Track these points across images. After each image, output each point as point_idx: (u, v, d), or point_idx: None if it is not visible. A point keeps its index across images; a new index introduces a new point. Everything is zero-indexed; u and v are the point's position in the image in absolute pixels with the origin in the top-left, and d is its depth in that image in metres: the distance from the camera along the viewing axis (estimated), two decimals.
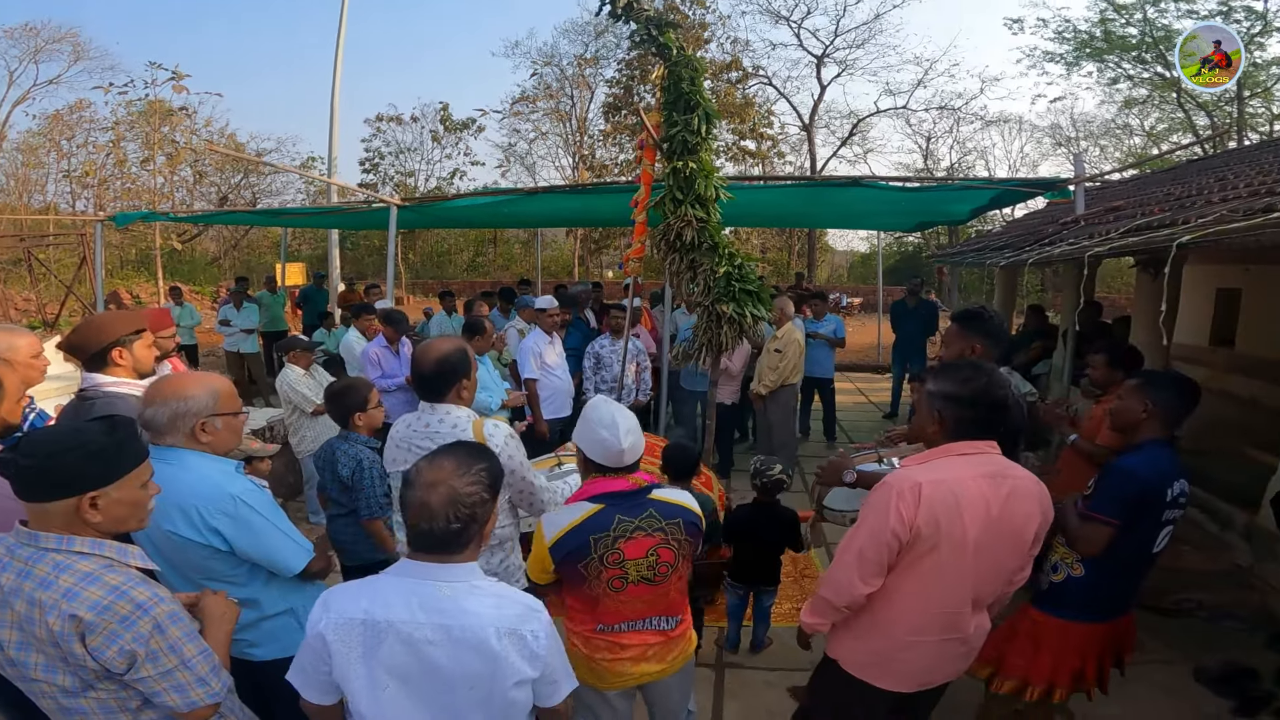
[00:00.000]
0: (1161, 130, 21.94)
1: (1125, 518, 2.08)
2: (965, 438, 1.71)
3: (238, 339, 8.53)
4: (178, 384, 1.81)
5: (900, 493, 1.63)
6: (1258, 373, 6.05)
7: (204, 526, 1.73)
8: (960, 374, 1.75)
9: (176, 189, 21.71)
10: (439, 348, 2.17)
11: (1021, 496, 1.69)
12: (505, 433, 2.18)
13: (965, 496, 1.63)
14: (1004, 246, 5.79)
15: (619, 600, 1.90)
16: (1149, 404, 2.17)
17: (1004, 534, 1.68)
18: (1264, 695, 2.87)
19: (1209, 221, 2.54)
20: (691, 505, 1.95)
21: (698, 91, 4.43)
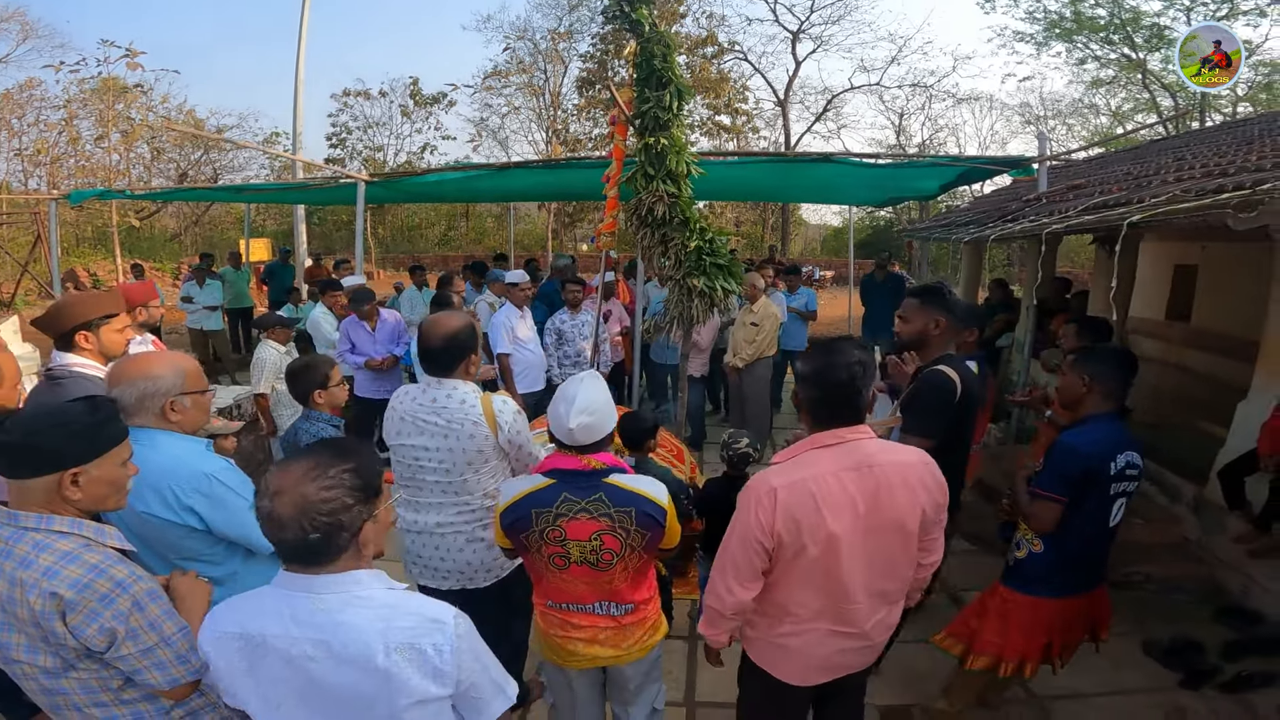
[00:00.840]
0: (1127, 110, 22.35)
1: (1071, 493, 2.12)
2: (823, 422, 1.62)
3: (201, 316, 8.34)
4: (143, 364, 1.80)
5: (757, 498, 1.57)
6: (1212, 347, 6.26)
7: (179, 506, 1.73)
8: (809, 354, 1.67)
9: (134, 166, 20.99)
10: (448, 323, 2.17)
11: (895, 486, 1.60)
12: (513, 408, 2.20)
13: (825, 495, 1.55)
14: (969, 223, 5.89)
15: (561, 579, 1.89)
16: (1086, 379, 2.21)
17: (881, 527, 1.60)
18: (1210, 668, 2.96)
19: (1160, 202, 2.62)
20: (653, 495, 1.83)
21: (670, 68, 4.40)
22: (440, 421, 2.14)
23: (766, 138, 26.91)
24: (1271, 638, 3.12)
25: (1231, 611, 3.39)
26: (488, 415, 2.14)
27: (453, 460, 2.16)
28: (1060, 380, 2.37)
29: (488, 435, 2.15)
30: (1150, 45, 19.59)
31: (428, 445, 2.17)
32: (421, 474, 2.21)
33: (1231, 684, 2.87)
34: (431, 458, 2.17)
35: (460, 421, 2.13)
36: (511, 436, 2.19)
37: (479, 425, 2.13)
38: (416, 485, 2.24)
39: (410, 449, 2.20)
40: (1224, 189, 2.60)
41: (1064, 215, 3.58)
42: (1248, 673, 2.89)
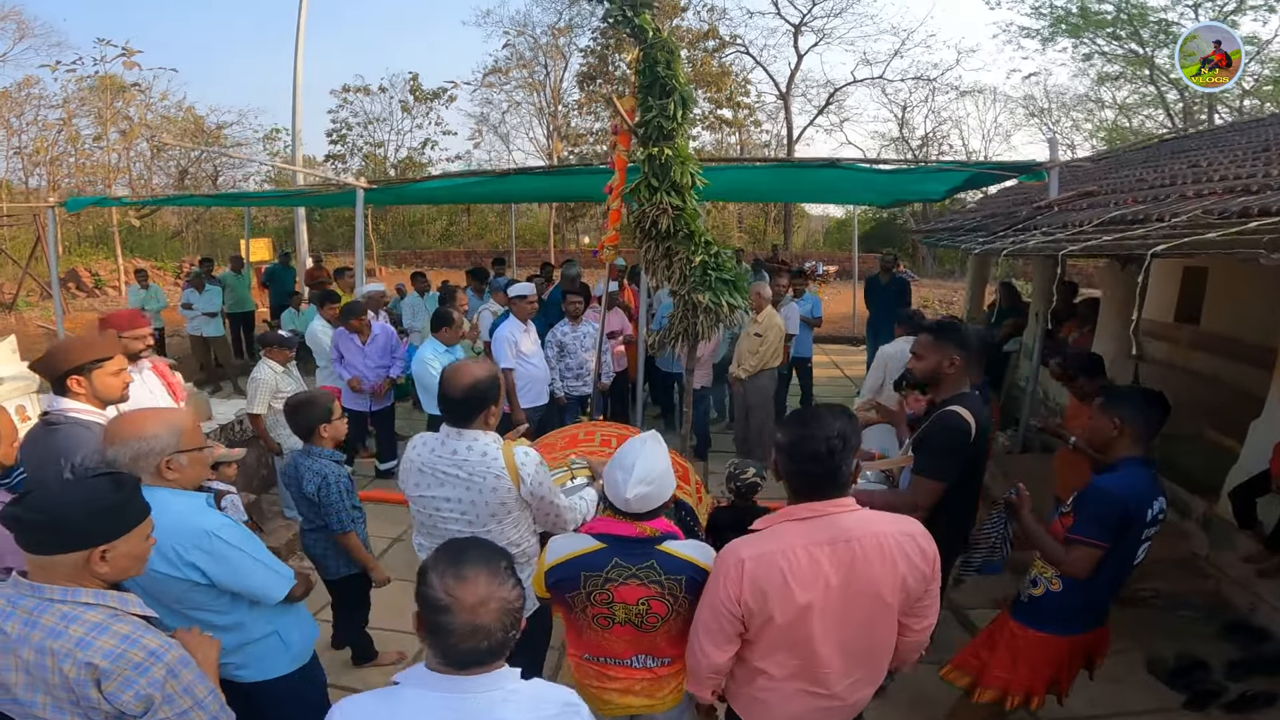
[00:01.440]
0: (1133, 103, 22.14)
1: (1112, 540, 2.08)
2: (801, 494, 1.60)
3: (200, 322, 8.31)
4: (138, 423, 1.79)
5: (726, 569, 1.58)
6: (1221, 350, 6.18)
7: (181, 562, 1.74)
8: (787, 424, 1.64)
9: (134, 163, 20.92)
10: (471, 372, 2.12)
11: (872, 560, 1.56)
12: (535, 460, 2.16)
13: (793, 568, 1.53)
14: (978, 228, 5.79)
15: (603, 636, 1.89)
16: (1117, 421, 2.16)
17: (856, 598, 1.58)
18: (1215, 688, 2.94)
19: (1184, 230, 2.54)
20: (703, 562, 1.82)
21: (674, 76, 4.30)
22: (462, 474, 2.10)
23: (769, 130, 26.77)
24: (1275, 657, 3.08)
25: (1237, 629, 3.38)
26: (510, 468, 2.10)
27: (475, 512, 2.13)
28: (1088, 424, 2.31)
29: (510, 488, 2.11)
30: (1157, 41, 19.39)
31: (449, 496, 2.14)
32: (443, 523, 2.18)
33: (1236, 704, 2.86)
34: (454, 509, 2.14)
35: (483, 475, 2.09)
36: (534, 489, 2.15)
37: (501, 478, 2.10)
38: (439, 534, 2.21)
39: (430, 500, 2.17)
40: (1249, 211, 2.53)
41: (1079, 230, 3.50)
42: (1252, 693, 2.87)
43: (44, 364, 2.33)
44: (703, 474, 5.65)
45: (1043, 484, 4.66)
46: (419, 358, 4.47)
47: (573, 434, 4.05)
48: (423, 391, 4.63)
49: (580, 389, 5.40)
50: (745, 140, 26.17)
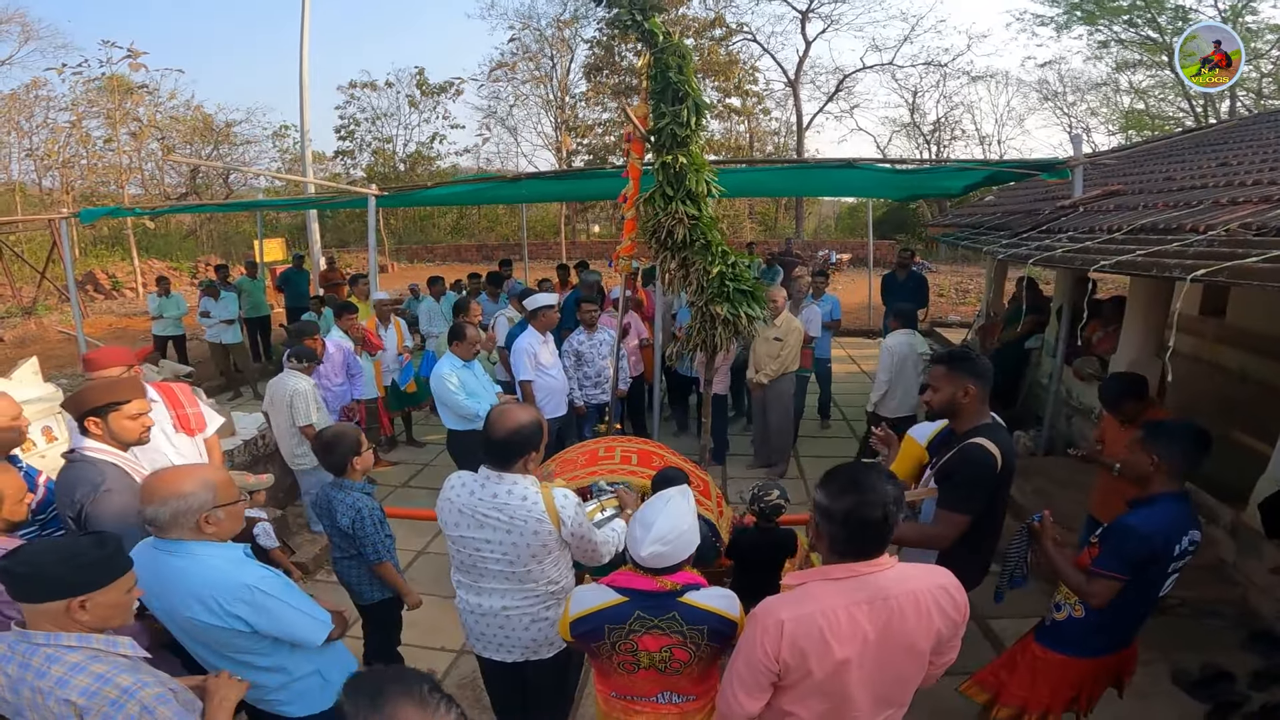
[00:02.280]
0: (1150, 88, 21.70)
1: (1134, 574, 2.08)
2: (843, 555, 1.59)
3: (219, 330, 8.36)
4: (174, 481, 1.84)
5: (765, 628, 1.57)
6: (1247, 345, 6.06)
7: (224, 613, 1.80)
8: (833, 485, 1.59)
9: (145, 163, 21.03)
10: (515, 418, 2.13)
11: (908, 615, 1.57)
12: (575, 502, 2.19)
13: (834, 628, 1.54)
14: (999, 226, 5.69)
15: (630, 679, 1.92)
16: (1154, 458, 2.14)
17: (891, 651, 1.59)
18: (1238, 699, 2.91)
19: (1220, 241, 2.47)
20: (726, 612, 1.84)
21: (686, 80, 4.23)
22: (503, 518, 2.11)
23: (778, 118, 26.48)
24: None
25: (1262, 638, 3.32)
26: (550, 511, 2.11)
27: (516, 553, 2.15)
28: (1126, 457, 2.28)
29: (551, 530, 2.13)
30: (1175, 28, 18.95)
31: (489, 539, 2.15)
32: (484, 563, 2.20)
33: (1259, 716, 2.81)
34: (494, 550, 2.16)
35: (524, 519, 2.10)
36: (574, 529, 2.18)
37: (543, 522, 2.11)
38: (479, 573, 2.23)
39: (471, 540, 2.18)
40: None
41: (1109, 238, 3.41)
42: (1274, 704, 2.82)
43: (72, 403, 2.39)
44: (721, 480, 5.64)
45: (1065, 489, 4.62)
46: (436, 373, 4.46)
47: (593, 451, 4.04)
48: (442, 408, 4.63)
49: (599, 397, 5.38)
50: (754, 128, 25.93)
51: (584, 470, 3.80)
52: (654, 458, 3.87)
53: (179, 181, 23.16)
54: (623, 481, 3.68)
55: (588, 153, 24.37)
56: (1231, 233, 2.59)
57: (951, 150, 25.69)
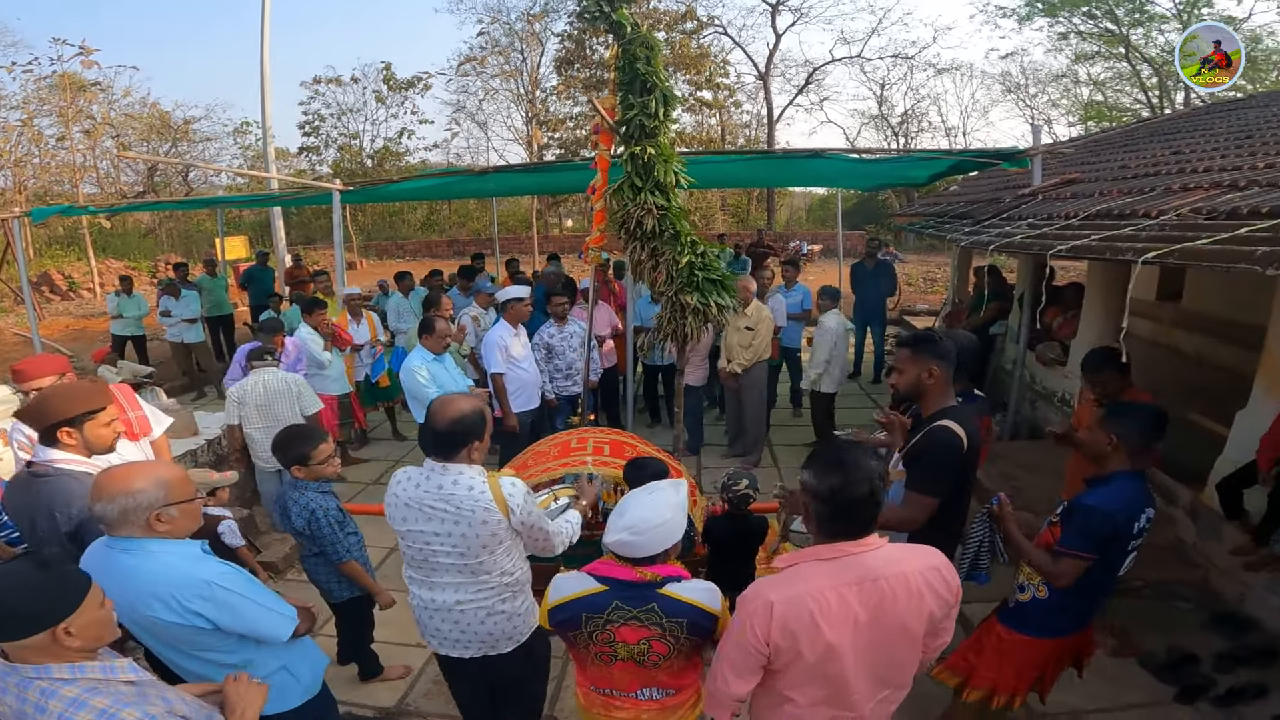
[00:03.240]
0: (1109, 80, 22.26)
1: (1099, 552, 2.12)
2: (832, 535, 1.59)
3: (180, 329, 8.17)
4: (124, 478, 1.77)
5: (754, 610, 1.56)
6: (1203, 329, 6.26)
7: (184, 610, 1.75)
8: (819, 465, 1.60)
9: (99, 162, 20.39)
10: (457, 407, 2.10)
11: (899, 597, 1.57)
12: (523, 490, 2.15)
13: (823, 609, 1.53)
14: (962, 215, 5.80)
15: (607, 671, 1.91)
16: (1112, 438, 2.17)
17: (884, 633, 1.59)
18: (1204, 682, 2.99)
19: (1172, 225, 2.54)
20: (707, 605, 1.83)
21: (654, 72, 4.21)
22: (450, 509, 2.08)
23: (749, 111, 26.61)
24: (1263, 648, 3.13)
25: (1225, 620, 3.40)
26: (498, 500, 2.08)
27: (466, 544, 2.11)
28: (1086, 434, 2.33)
29: (500, 520, 2.10)
30: (1132, 19, 19.45)
31: (438, 531, 2.11)
32: (434, 557, 2.16)
33: (1225, 698, 2.90)
34: (444, 542, 2.12)
35: (471, 509, 2.07)
36: (524, 518, 2.14)
37: (491, 511, 2.08)
38: (430, 567, 2.19)
39: (420, 534, 2.14)
40: (1238, 212, 2.53)
41: (1066, 224, 3.50)
42: (1240, 686, 2.91)
43: (33, 414, 2.29)
44: (696, 470, 5.67)
45: (1031, 473, 4.72)
46: (406, 366, 4.41)
47: (565, 442, 4.03)
48: (412, 400, 4.57)
49: (571, 389, 5.36)
50: (726, 121, 26.01)
51: (556, 462, 3.79)
52: (626, 448, 3.87)
53: (136, 180, 22.50)
54: (593, 473, 3.69)
55: (559, 147, 24.20)
56: (1183, 217, 2.68)
57: (919, 141, 26.11)
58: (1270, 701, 2.85)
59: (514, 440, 4.82)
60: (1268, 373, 3.68)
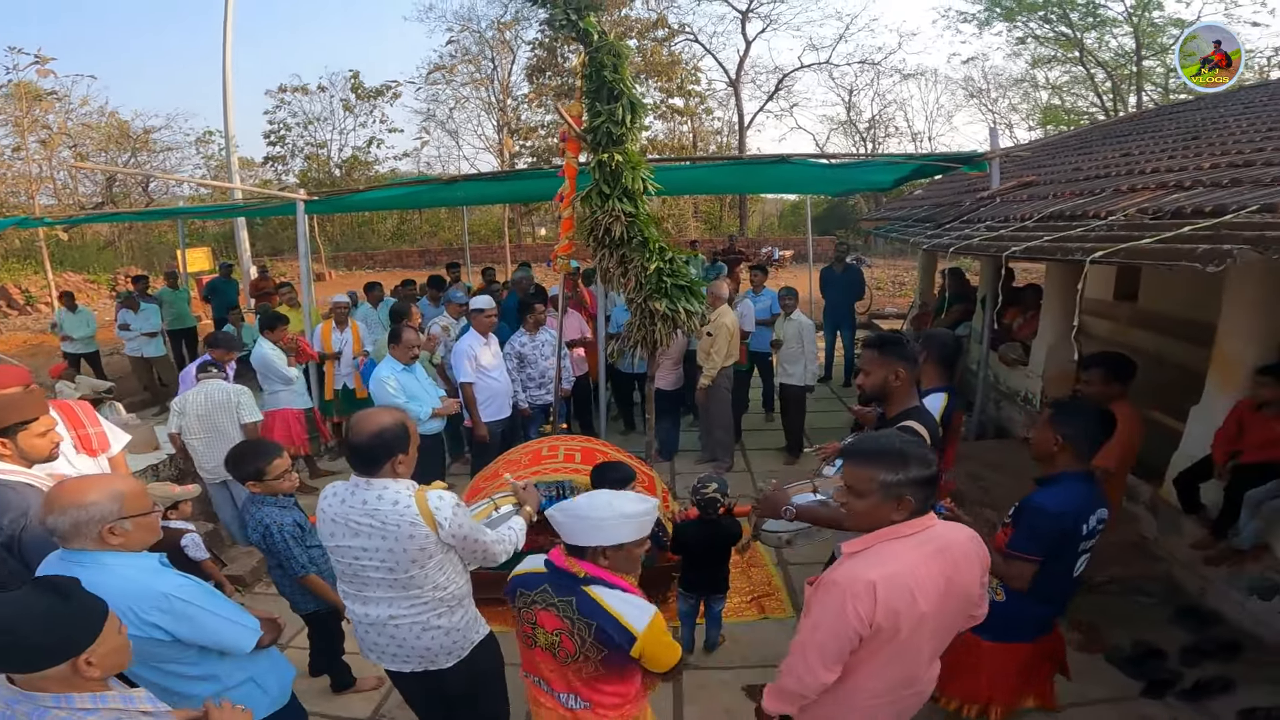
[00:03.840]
0: (1065, 84, 22.94)
1: (1046, 553, 2.12)
2: (911, 512, 1.66)
3: (140, 343, 7.97)
4: (76, 490, 1.76)
5: (855, 594, 1.58)
6: (1159, 328, 6.44)
7: (140, 622, 1.74)
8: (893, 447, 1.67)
9: (57, 172, 19.84)
10: (376, 420, 2.06)
11: (966, 561, 1.70)
12: (451, 502, 2.10)
13: (918, 584, 1.61)
14: (925, 218, 5.91)
15: (530, 655, 1.94)
16: (1059, 439, 2.18)
17: (955, 600, 1.70)
18: (1171, 676, 3.03)
19: (1120, 225, 2.62)
20: (626, 620, 1.77)
21: (621, 80, 4.24)
22: (375, 524, 2.05)
23: (720, 118, 26.86)
24: (1227, 641, 3.20)
25: (1188, 613, 3.47)
26: (424, 514, 2.05)
27: (395, 559, 2.08)
28: (1033, 433, 2.33)
29: (427, 534, 2.06)
30: (1086, 23, 20.07)
31: (365, 546, 2.08)
32: (365, 572, 2.13)
33: (1192, 692, 2.94)
34: (372, 557, 2.09)
35: (396, 524, 2.04)
36: (454, 531, 2.10)
37: (417, 524, 2.05)
38: (361, 581, 2.16)
39: (348, 549, 2.11)
40: (1182, 211, 2.62)
41: (1021, 225, 3.59)
42: (1206, 680, 2.96)
43: None
44: (670, 476, 5.68)
45: (996, 472, 4.81)
46: (376, 377, 4.35)
47: (536, 450, 4.01)
48: None
49: (543, 398, 5.34)
50: (698, 128, 26.23)
51: (527, 470, 3.77)
52: (598, 455, 3.87)
53: (94, 190, 21.95)
54: (565, 480, 3.68)
55: (531, 155, 24.18)
56: (1130, 218, 2.76)
57: (886, 146, 26.61)
58: (1237, 695, 2.90)
59: (485, 450, 4.78)
60: (1219, 369, 3.79)
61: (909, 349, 2.41)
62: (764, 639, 3.54)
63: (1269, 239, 1.88)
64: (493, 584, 3.63)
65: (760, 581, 4.08)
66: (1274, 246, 1.85)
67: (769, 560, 4.26)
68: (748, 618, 3.77)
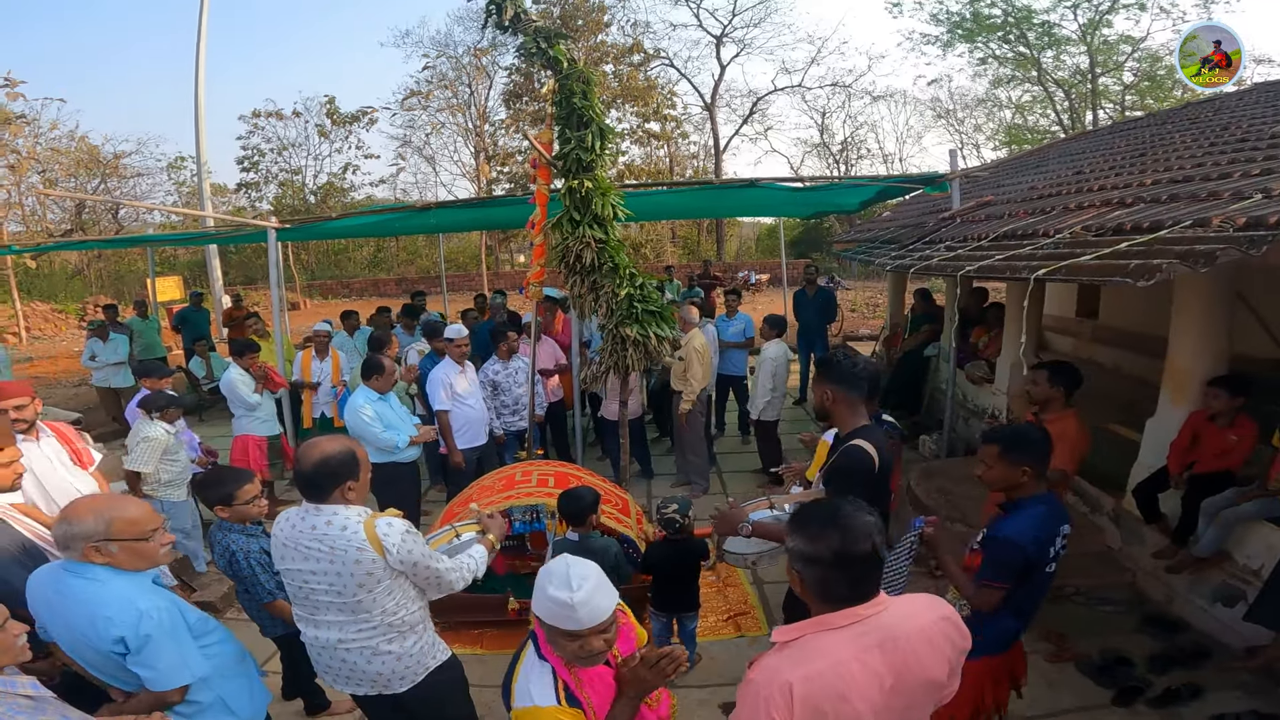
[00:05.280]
0: (1026, 103, 23.69)
1: (1015, 580, 2.17)
2: (838, 601, 1.44)
3: (108, 373, 7.82)
4: (75, 507, 1.92)
5: (769, 698, 1.38)
6: (1119, 343, 6.62)
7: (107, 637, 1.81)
8: (810, 527, 1.46)
9: (25, 198, 19.54)
10: (321, 449, 2.10)
11: (922, 654, 1.47)
12: (400, 529, 2.12)
13: (850, 683, 1.39)
14: (891, 240, 6.05)
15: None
16: (1026, 469, 2.22)
17: (909, 694, 1.48)
18: (1139, 684, 3.08)
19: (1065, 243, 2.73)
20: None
21: (590, 106, 4.33)
22: (323, 548, 2.08)
23: (696, 141, 27.30)
24: (1194, 649, 3.26)
25: (1154, 621, 3.53)
26: (372, 540, 2.07)
27: (342, 584, 2.11)
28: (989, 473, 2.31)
29: (375, 559, 2.08)
30: (1042, 42, 20.84)
31: (314, 570, 2.11)
32: (314, 595, 2.16)
33: (1161, 699, 2.99)
34: (320, 581, 2.12)
35: (344, 548, 2.07)
36: (403, 557, 2.12)
37: (364, 550, 2.07)
38: (312, 605, 2.18)
39: (299, 573, 2.14)
40: (1123, 227, 2.73)
41: (978, 245, 3.70)
42: (1175, 687, 3.01)
43: None
44: (646, 499, 5.68)
45: (960, 485, 4.87)
46: (351, 405, 4.31)
47: (510, 475, 4.01)
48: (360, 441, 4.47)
49: (518, 424, 5.33)
50: (674, 152, 26.63)
51: (499, 495, 3.77)
52: (570, 480, 3.87)
53: (63, 217, 21.64)
54: (538, 504, 3.68)
55: (508, 181, 24.34)
56: (1074, 235, 2.87)
57: (858, 168, 27.17)
58: (1207, 701, 2.95)
59: (460, 477, 4.76)
60: (1171, 382, 3.92)
61: (839, 370, 2.44)
62: (741, 657, 3.54)
63: (1197, 253, 1.98)
64: (494, 607, 3.68)
65: (737, 600, 4.09)
66: (1201, 260, 1.94)
67: (745, 580, 4.28)
68: (724, 636, 3.77)
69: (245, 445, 5.26)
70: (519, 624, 3.70)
